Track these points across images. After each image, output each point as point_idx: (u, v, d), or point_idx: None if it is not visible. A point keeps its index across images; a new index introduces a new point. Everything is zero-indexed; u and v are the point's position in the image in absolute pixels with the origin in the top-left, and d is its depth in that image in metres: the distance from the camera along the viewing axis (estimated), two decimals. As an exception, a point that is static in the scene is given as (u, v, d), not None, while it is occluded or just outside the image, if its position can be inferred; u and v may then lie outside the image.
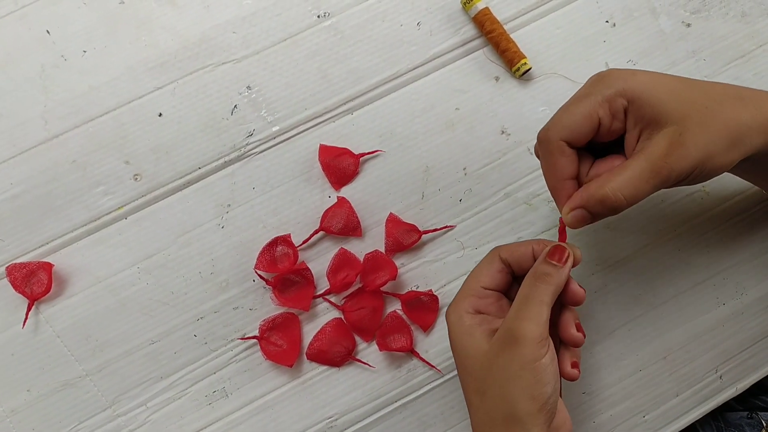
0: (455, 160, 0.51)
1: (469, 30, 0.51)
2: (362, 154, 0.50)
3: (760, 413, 0.54)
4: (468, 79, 0.51)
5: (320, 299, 0.49)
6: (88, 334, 0.48)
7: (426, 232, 0.50)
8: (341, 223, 0.49)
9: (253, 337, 0.48)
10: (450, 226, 0.50)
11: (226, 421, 0.48)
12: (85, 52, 0.50)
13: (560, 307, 0.41)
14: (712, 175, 0.37)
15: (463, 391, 0.41)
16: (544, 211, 0.51)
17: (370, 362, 0.49)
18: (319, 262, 0.49)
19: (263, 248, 0.49)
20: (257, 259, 0.48)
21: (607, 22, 0.52)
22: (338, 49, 0.51)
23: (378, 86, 0.51)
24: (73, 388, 0.48)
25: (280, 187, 0.50)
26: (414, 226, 0.49)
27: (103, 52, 0.50)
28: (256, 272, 0.49)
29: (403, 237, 0.49)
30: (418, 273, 0.50)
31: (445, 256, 0.50)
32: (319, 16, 0.51)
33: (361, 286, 0.49)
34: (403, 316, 0.49)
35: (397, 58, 0.51)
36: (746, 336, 0.51)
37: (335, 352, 0.48)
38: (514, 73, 0.51)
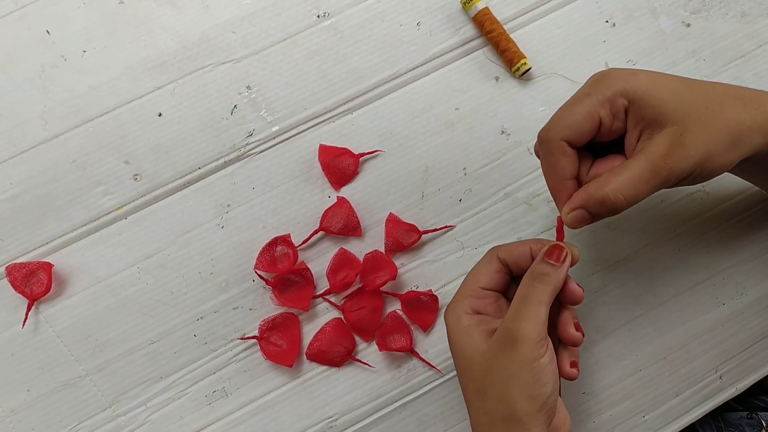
0: (455, 160, 0.51)
1: (469, 30, 0.51)
2: (362, 154, 0.50)
3: (759, 413, 0.54)
4: (468, 79, 0.51)
5: (320, 299, 0.49)
6: (88, 334, 0.48)
7: (426, 232, 0.50)
8: (341, 223, 0.49)
9: (253, 337, 0.48)
10: (450, 226, 0.50)
11: (226, 421, 0.48)
12: (85, 52, 0.50)
13: (559, 306, 0.41)
14: (712, 176, 0.37)
15: (462, 392, 0.41)
16: (544, 211, 0.51)
17: (370, 362, 0.49)
18: (319, 262, 0.49)
19: (263, 248, 0.49)
20: (257, 259, 0.48)
21: (607, 22, 0.52)
22: (338, 49, 0.51)
23: (378, 86, 0.51)
24: (73, 388, 0.48)
25: (280, 187, 0.50)
26: (414, 226, 0.49)
27: (103, 52, 0.50)
28: (255, 272, 0.49)
29: (403, 237, 0.49)
30: (417, 273, 0.50)
31: (445, 256, 0.50)
32: (318, 16, 0.51)
33: (360, 286, 0.49)
34: (403, 316, 0.49)
35: (396, 58, 0.51)
36: (746, 336, 0.51)
37: (335, 352, 0.48)
38: (514, 73, 0.51)
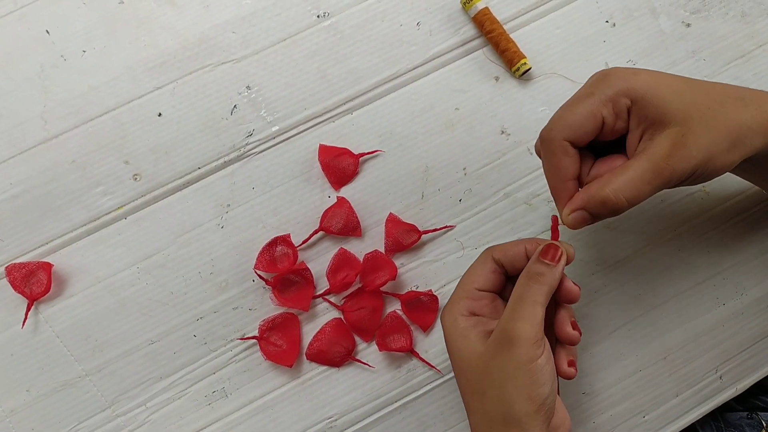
0: (455, 160, 0.50)
1: (469, 30, 0.51)
2: (362, 154, 0.50)
3: (760, 413, 0.54)
4: (468, 79, 0.51)
5: (320, 299, 0.49)
6: (88, 334, 0.48)
7: (426, 232, 0.50)
8: (341, 223, 0.49)
9: (253, 338, 0.48)
10: (450, 226, 0.50)
11: (226, 422, 0.48)
12: (85, 52, 0.50)
13: (555, 305, 0.41)
14: (713, 176, 0.37)
15: (460, 393, 0.41)
16: (544, 211, 0.50)
17: (370, 362, 0.49)
18: (319, 262, 0.49)
19: (263, 248, 0.49)
20: (257, 259, 0.48)
21: (607, 22, 0.52)
22: (338, 49, 0.51)
23: (377, 86, 0.51)
24: (73, 388, 0.48)
25: (280, 187, 0.50)
26: (414, 226, 0.49)
27: (103, 52, 0.50)
28: (255, 272, 0.49)
29: (403, 237, 0.49)
30: (417, 273, 0.50)
31: (445, 256, 0.50)
32: (318, 16, 0.51)
33: (360, 286, 0.49)
34: (403, 317, 0.49)
35: (396, 58, 0.51)
36: (746, 336, 0.51)
37: (335, 353, 0.48)
38: (514, 73, 0.51)
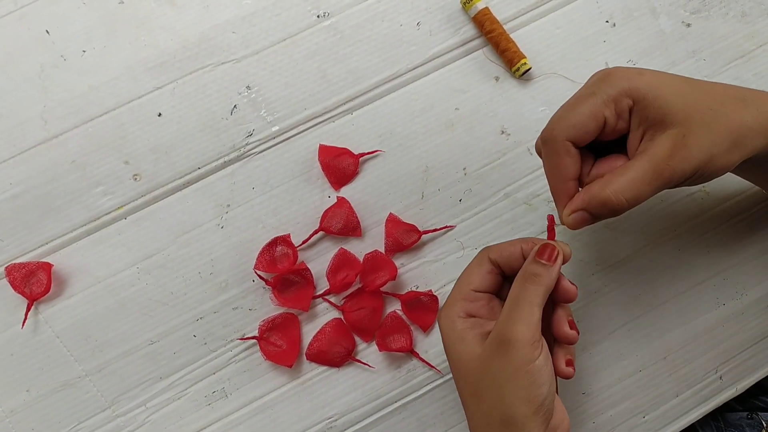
0: (455, 160, 0.50)
1: (469, 30, 0.51)
2: (362, 154, 0.50)
3: (760, 413, 0.53)
4: (468, 79, 0.51)
5: (320, 299, 0.49)
6: (88, 334, 0.48)
7: (426, 233, 0.50)
8: (341, 223, 0.49)
9: (253, 338, 0.48)
10: (450, 227, 0.50)
11: (226, 422, 0.48)
12: (85, 52, 0.50)
13: (553, 304, 0.40)
14: (714, 176, 0.37)
15: (459, 395, 0.41)
16: (544, 211, 0.50)
17: (370, 362, 0.49)
18: (319, 262, 0.49)
19: (263, 248, 0.49)
20: (257, 260, 0.48)
21: (607, 22, 0.52)
22: (338, 49, 0.51)
23: (377, 86, 0.51)
24: (73, 389, 0.48)
25: (280, 187, 0.50)
26: (414, 226, 0.49)
27: (103, 52, 0.50)
28: (255, 272, 0.49)
29: (403, 237, 0.49)
30: (417, 273, 0.50)
31: (445, 256, 0.50)
32: (318, 16, 0.51)
33: (360, 286, 0.49)
34: (403, 317, 0.49)
35: (396, 58, 0.51)
36: (746, 336, 0.51)
37: (335, 353, 0.48)
38: (514, 73, 0.51)
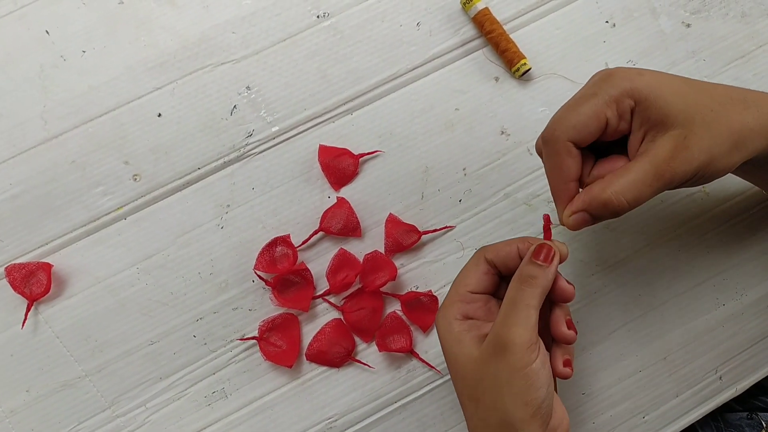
0: (455, 161, 0.50)
1: (469, 30, 0.51)
2: (362, 155, 0.50)
3: (759, 414, 0.53)
4: (468, 79, 0.51)
5: (320, 300, 0.49)
6: (88, 334, 0.48)
7: (426, 233, 0.50)
8: (341, 223, 0.49)
9: (253, 338, 0.48)
10: (450, 227, 0.50)
11: (226, 422, 0.48)
12: (85, 52, 0.50)
13: (551, 304, 0.40)
14: (714, 178, 0.37)
15: (457, 396, 0.40)
16: (544, 212, 0.50)
17: (370, 363, 0.49)
18: (319, 262, 0.49)
19: (263, 249, 0.48)
20: (257, 260, 0.48)
21: (607, 22, 0.52)
22: (338, 49, 0.51)
23: (377, 86, 0.51)
24: (73, 389, 0.48)
25: (280, 188, 0.50)
26: (413, 226, 0.49)
27: (103, 52, 0.50)
28: (255, 273, 0.49)
29: (403, 237, 0.49)
30: (417, 273, 0.50)
31: (445, 256, 0.50)
32: (318, 16, 0.51)
33: (360, 286, 0.49)
34: (403, 317, 0.49)
35: (396, 59, 0.51)
36: (746, 337, 0.51)
37: (335, 353, 0.48)
38: (514, 73, 0.51)
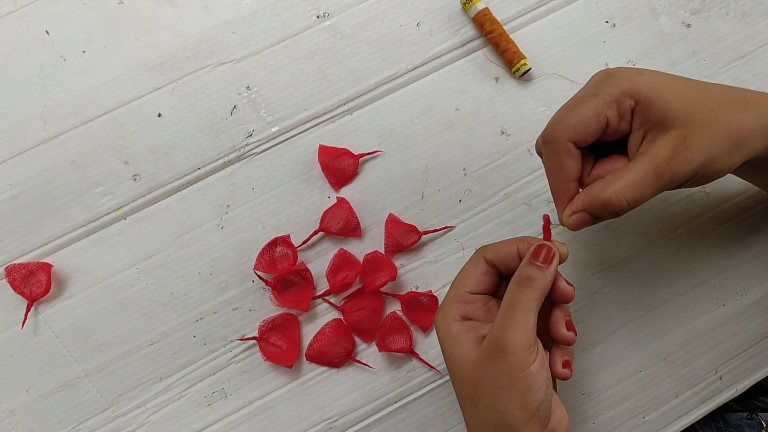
0: (455, 161, 0.50)
1: (469, 30, 0.51)
2: (362, 155, 0.50)
3: (760, 414, 0.53)
4: (468, 79, 0.51)
5: (320, 300, 0.49)
6: (88, 334, 0.48)
7: (426, 233, 0.49)
8: (341, 223, 0.49)
9: (253, 338, 0.48)
10: (450, 227, 0.50)
11: (226, 422, 0.48)
12: (84, 52, 0.50)
13: (551, 304, 0.40)
14: (714, 178, 0.37)
15: (456, 397, 0.40)
16: (544, 212, 0.50)
17: (370, 363, 0.49)
18: (319, 262, 0.49)
19: (262, 249, 0.48)
20: (256, 260, 0.48)
21: (607, 22, 0.52)
22: (338, 49, 0.51)
23: (377, 86, 0.51)
24: (72, 389, 0.48)
25: (280, 188, 0.50)
26: (414, 226, 0.49)
27: (103, 53, 0.50)
28: (255, 273, 0.49)
29: (403, 237, 0.49)
30: (417, 274, 0.50)
31: (445, 256, 0.50)
32: (318, 17, 0.51)
33: (360, 286, 0.49)
34: (403, 317, 0.49)
35: (396, 59, 0.51)
36: (746, 337, 0.51)
37: (335, 353, 0.48)
38: (514, 73, 0.51)
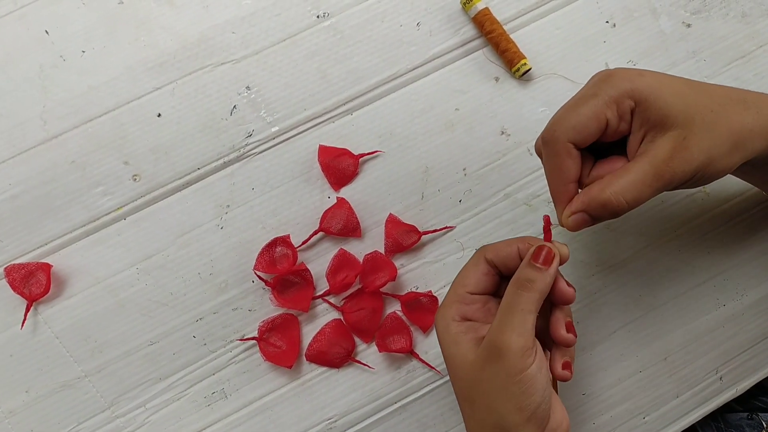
0: (455, 161, 0.50)
1: (469, 30, 0.51)
2: (362, 155, 0.50)
3: (760, 414, 0.53)
4: (468, 79, 0.51)
5: (319, 300, 0.49)
6: (87, 335, 0.48)
7: (426, 233, 0.49)
8: (341, 223, 0.49)
9: (253, 338, 0.48)
10: (450, 227, 0.50)
11: (225, 423, 0.48)
12: (84, 52, 0.50)
13: (551, 305, 0.40)
14: (714, 179, 0.37)
15: (455, 397, 0.40)
16: (544, 212, 0.50)
17: (370, 363, 0.49)
18: (319, 263, 0.49)
19: (262, 249, 0.48)
20: (256, 260, 0.48)
21: (607, 22, 0.52)
22: (338, 49, 0.51)
23: (377, 86, 0.51)
24: (72, 389, 0.48)
25: (280, 188, 0.50)
26: (413, 226, 0.49)
27: (102, 53, 0.50)
28: (255, 273, 0.49)
29: (403, 238, 0.49)
30: (417, 274, 0.50)
31: (445, 257, 0.50)
32: (318, 17, 0.51)
33: (360, 287, 0.49)
34: (403, 317, 0.49)
35: (396, 59, 0.51)
36: (746, 337, 0.51)
37: (335, 353, 0.48)
38: (514, 73, 0.51)
